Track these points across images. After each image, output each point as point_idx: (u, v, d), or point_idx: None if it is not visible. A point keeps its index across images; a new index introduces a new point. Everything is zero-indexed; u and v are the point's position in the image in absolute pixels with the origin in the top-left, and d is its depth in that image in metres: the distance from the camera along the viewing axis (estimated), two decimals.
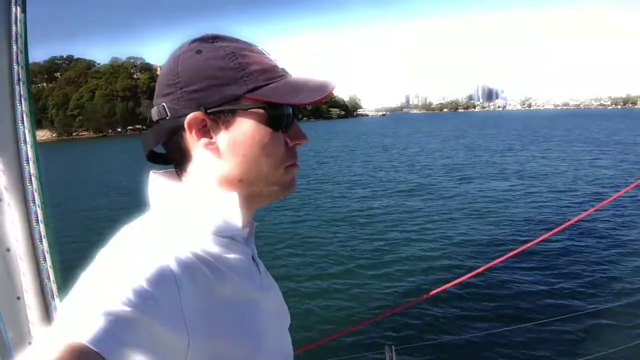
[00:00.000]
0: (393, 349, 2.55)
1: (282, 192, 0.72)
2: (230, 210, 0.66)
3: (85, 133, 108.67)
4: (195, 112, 0.63)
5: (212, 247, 0.65)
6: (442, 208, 12.84)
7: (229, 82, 0.64)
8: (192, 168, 0.68)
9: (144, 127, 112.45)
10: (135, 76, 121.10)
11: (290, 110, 0.68)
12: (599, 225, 9.80)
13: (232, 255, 0.67)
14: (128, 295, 0.50)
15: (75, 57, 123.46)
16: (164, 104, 0.65)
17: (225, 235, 0.67)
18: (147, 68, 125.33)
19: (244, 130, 0.65)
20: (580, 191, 14.41)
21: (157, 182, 0.69)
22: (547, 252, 8.29)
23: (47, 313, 1.55)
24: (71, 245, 10.29)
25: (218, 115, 0.65)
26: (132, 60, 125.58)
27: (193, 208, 0.66)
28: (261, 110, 0.65)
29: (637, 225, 9.89)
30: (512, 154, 26.56)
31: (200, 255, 0.63)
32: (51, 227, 1.47)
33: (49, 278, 1.51)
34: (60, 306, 0.50)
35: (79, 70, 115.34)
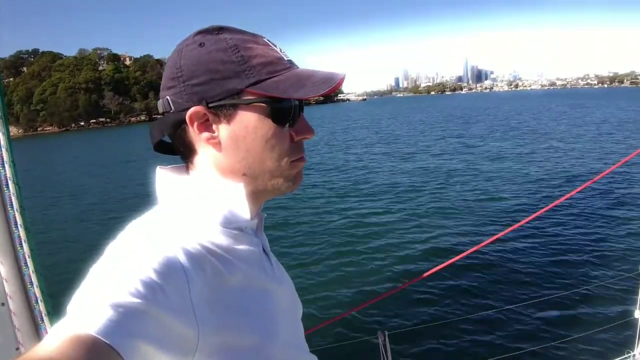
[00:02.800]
0: (386, 333, 2.57)
1: (287, 186, 0.70)
2: (237, 202, 0.66)
3: (50, 128, 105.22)
4: (197, 106, 0.63)
5: (220, 238, 0.65)
6: (430, 197, 13.06)
7: (231, 76, 0.62)
8: (197, 161, 0.68)
9: (107, 120, 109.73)
10: (100, 68, 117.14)
11: (296, 103, 0.66)
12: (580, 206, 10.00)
13: (241, 247, 0.67)
14: (137, 287, 0.50)
15: (41, 51, 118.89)
16: (168, 97, 0.65)
17: (234, 227, 0.67)
18: (114, 59, 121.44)
19: (246, 124, 0.64)
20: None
21: (164, 177, 0.69)
22: (536, 233, 8.40)
23: (32, 318, 1.51)
24: (52, 248, 10.01)
25: (219, 109, 0.64)
26: (99, 52, 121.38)
27: (200, 200, 0.66)
28: (264, 104, 0.64)
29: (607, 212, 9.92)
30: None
31: (208, 246, 0.63)
32: (31, 231, 1.42)
33: (31, 283, 1.47)
34: (71, 299, 0.50)
35: (43, 64, 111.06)
